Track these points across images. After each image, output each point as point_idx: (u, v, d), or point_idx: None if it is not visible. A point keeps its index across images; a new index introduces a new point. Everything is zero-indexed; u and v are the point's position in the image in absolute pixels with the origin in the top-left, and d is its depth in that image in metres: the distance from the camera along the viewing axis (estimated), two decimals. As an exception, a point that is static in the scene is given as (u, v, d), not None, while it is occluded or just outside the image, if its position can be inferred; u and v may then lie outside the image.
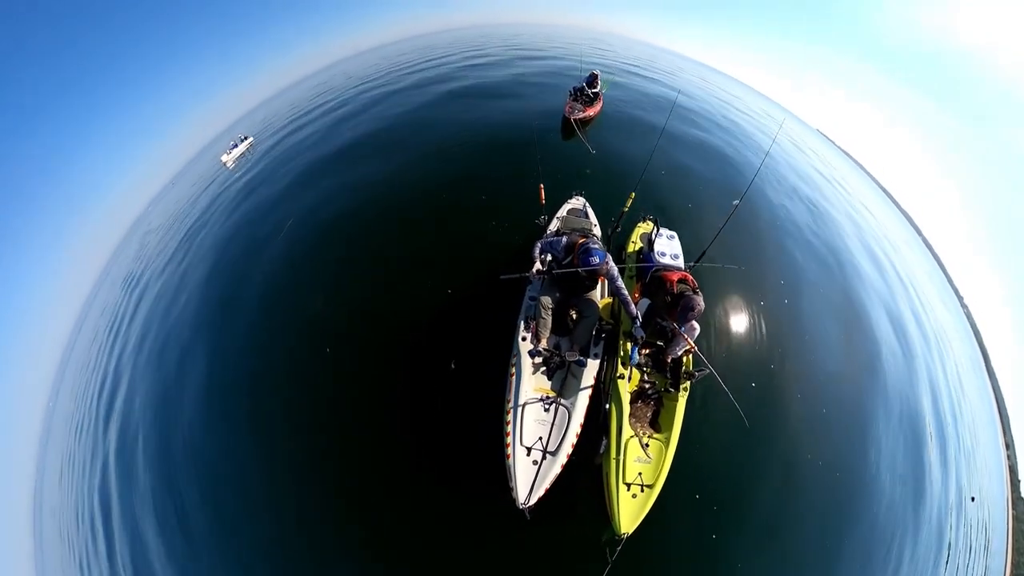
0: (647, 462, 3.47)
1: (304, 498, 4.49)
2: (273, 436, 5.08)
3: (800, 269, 7.89)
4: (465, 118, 10.89)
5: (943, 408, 8.69)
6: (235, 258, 8.77)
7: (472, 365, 4.68)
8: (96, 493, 7.33)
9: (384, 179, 8.56)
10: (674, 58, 35.53)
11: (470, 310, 5.23)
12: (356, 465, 4.54)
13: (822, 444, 5.34)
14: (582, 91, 10.15)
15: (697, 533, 4.10)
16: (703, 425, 4.46)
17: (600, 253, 3.60)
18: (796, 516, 4.70)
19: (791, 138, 18.81)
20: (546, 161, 6.25)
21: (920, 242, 27.22)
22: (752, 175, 5.56)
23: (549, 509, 3.45)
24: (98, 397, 9.50)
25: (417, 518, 4.07)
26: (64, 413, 13.15)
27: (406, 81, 16.88)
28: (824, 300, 7.49)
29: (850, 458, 5.54)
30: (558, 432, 3.39)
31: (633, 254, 5.13)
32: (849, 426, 5.87)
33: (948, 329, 14.44)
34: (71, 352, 20.55)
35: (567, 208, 5.84)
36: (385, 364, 5.11)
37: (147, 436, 6.52)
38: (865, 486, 5.46)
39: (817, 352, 6.31)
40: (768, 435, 4.94)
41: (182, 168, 53.84)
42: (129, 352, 9.35)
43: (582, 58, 16.44)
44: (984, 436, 11.69)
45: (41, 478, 14.47)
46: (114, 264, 28.93)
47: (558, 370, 3.91)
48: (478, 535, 3.93)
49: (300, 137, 14.81)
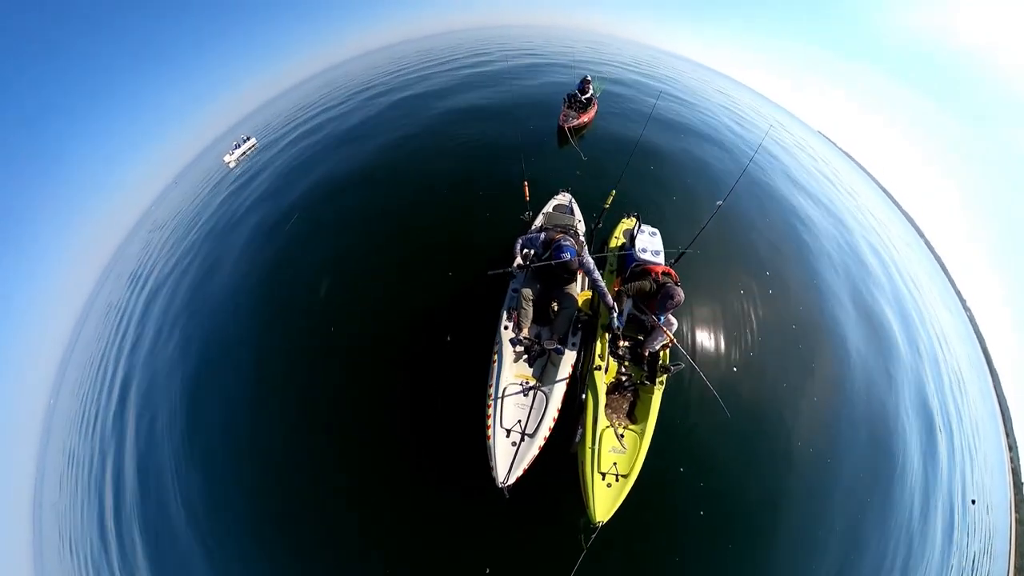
0: (622, 452, 3.49)
1: (309, 495, 4.60)
2: (272, 432, 5.20)
3: (793, 264, 7.93)
4: (459, 124, 11.00)
5: (944, 409, 8.62)
6: (237, 258, 8.92)
7: (460, 352, 4.84)
8: (100, 492, 7.46)
9: (379, 181, 8.77)
10: (674, 60, 35.74)
11: (458, 303, 5.41)
12: (344, 451, 4.70)
13: (815, 438, 5.38)
14: (575, 97, 10.19)
15: (673, 520, 4.17)
16: (684, 416, 4.48)
17: (571, 250, 3.75)
18: (784, 510, 4.72)
19: (788, 139, 18.83)
20: (538, 168, 6.38)
21: (922, 243, 27.03)
22: (739, 174, 5.61)
23: (526, 497, 3.51)
24: (107, 391, 9.65)
25: (397, 505, 4.18)
26: (67, 411, 13.30)
27: (399, 84, 17.18)
28: (819, 297, 7.52)
29: (845, 461, 5.50)
30: (536, 415, 3.53)
31: (615, 249, 5.17)
32: (845, 426, 5.86)
33: (949, 329, 14.33)
34: (72, 352, 20.85)
35: (553, 204, 5.94)
36: (380, 356, 5.28)
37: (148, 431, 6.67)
38: (862, 487, 5.44)
39: (810, 347, 6.35)
40: (753, 426, 4.98)
41: (184, 167, 54.85)
42: (141, 346, 9.51)
43: (574, 57, 16.50)
44: (986, 438, 11.55)
45: (41, 477, 14.61)
46: (116, 263, 29.54)
47: (539, 358, 4.03)
48: (456, 522, 4.02)
49: (300, 137, 15.08)
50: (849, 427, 5.87)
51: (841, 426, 5.82)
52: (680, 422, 4.64)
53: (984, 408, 13.16)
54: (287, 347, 6.00)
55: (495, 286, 4.67)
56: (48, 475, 13.16)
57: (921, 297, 13.26)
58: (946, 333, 13.41)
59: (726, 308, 6.01)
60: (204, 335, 7.36)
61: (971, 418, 10.60)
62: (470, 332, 4.87)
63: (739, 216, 8.28)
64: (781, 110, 37.73)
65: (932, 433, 7.47)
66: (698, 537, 4.21)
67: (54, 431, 15.02)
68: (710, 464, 4.57)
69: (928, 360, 9.54)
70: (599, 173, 7.83)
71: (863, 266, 10.37)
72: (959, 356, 13.52)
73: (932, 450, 7.21)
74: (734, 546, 4.25)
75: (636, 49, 35.52)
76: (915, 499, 6.14)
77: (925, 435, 7.16)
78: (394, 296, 5.93)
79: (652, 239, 4.96)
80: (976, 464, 9.49)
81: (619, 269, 4.90)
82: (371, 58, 35.65)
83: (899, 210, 32.74)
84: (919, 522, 6.00)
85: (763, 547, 4.42)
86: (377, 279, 6.31)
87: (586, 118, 10.17)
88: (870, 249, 11.97)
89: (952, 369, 11.35)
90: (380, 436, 4.71)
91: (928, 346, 10.47)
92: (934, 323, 12.42)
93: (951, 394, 9.87)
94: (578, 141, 9.24)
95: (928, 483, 6.59)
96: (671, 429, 4.37)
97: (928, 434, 7.29)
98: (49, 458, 13.80)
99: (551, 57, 19.51)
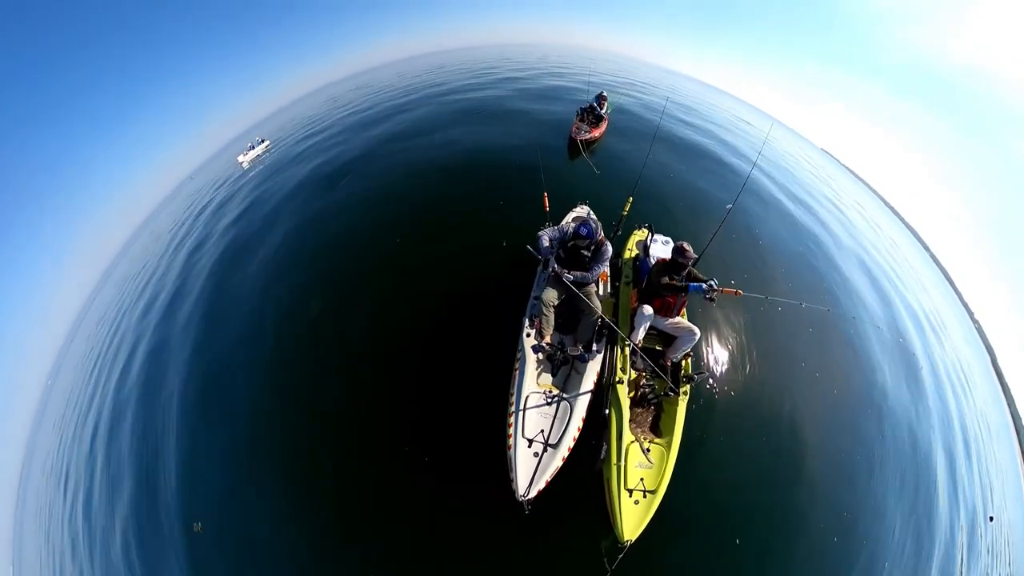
0: (649, 467, 3.42)
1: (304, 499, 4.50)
2: (272, 428, 5.16)
3: (808, 276, 7.96)
4: (477, 138, 11.09)
5: (956, 423, 8.48)
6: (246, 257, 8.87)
7: (482, 360, 4.74)
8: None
9: (397, 193, 8.77)
10: (681, 80, 36.51)
11: (481, 308, 5.43)
12: (357, 463, 4.59)
13: (831, 455, 5.27)
14: (591, 110, 10.32)
15: (704, 540, 4.01)
16: (708, 428, 4.40)
17: (591, 227, 3.90)
18: (806, 526, 4.58)
19: (783, 146, 19.05)
20: (552, 180, 6.48)
21: (928, 256, 27.03)
22: (744, 180, 5.68)
23: (550, 515, 3.40)
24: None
25: (418, 523, 4.04)
26: (69, 405, 13.22)
27: (418, 97, 17.40)
28: (831, 308, 7.47)
29: (858, 481, 5.40)
30: (559, 425, 3.42)
31: (629, 260, 5.17)
32: (858, 442, 5.75)
33: (959, 340, 14.25)
34: (70, 348, 20.89)
35: (572, 216, 5.99)
36: (399, 365, 5.23)
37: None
38: (875, 505, 5.31)
39: (827, 362, 6.31)
40: (781, 441, 4.91)
41: (200, 165, 56.52)
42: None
43: (590, 76, 16.89)
44: (1001, 453, 11.33)
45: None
46: (120, 262, 30.05)
47: (562, 366, 3.98)
48: (473, 539, 3.89)
49: (314, 144, 15.32)
50: (857, 443, 5.77)
51: (864, 439, 5.76)
52: (710, 436, 4.55)
53: (997, 422, 12.96)
54: (295, 358, 5.91)
55: (518, 295, 4.71)
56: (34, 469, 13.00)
57: (933, 311, 13.26)
58: (957, 346, 13.34)
59: (745, 316, 5.98)
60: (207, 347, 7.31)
61: (984, 432, 10.43)
62: (493, 340, 4.77)
63: (750, 225, 8.35)
64: (784, 126, 38.37)
65: (947, 449, 7.36)
66: (732, 556, 4.04)
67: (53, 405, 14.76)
68: (745, 480, 4.46)
69: (939, 373, 9.46)
70: (613, 186, 7.86)
71: (880, 279, 10.48)
72: (970, 366, 13.41)
73: (949, 467, 7.10)
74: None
75: (640, 67, 36.32)
76: (928, 516, 6.00)
77: (939, 451, 7.04)
78: (416, 303, 5.90)
79: (665, 248, 4.96)
80: (991, 481, 9.31)
81: (635, 280, 4.87)
82: (383, 73, 36.58)
83: (902, 222, 32.86)
84: (932, 539, 5.86)
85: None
86: (399, 285, 6.27)
87: (597, 132, 10.28)
88: (883, 262, 12.08)
89: (960, 379, 11.23)
90: (394, 448, 4.57)
91: (943, 359, 10.43)
92: (945, 338, 12.38)
93: (962, 409, 9.73)
94: (590, 155, 9.31)
95: (942, 501, 6.44)
96: (698, 443, 4.28)
97: (941, 450, 7.17)
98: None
99: (561, 77, 19.86)
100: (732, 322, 5.82)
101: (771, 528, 4.35)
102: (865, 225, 15.93)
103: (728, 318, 5.84)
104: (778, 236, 8.90)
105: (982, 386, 13.43)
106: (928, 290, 15.48)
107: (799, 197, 12.59)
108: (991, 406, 12.94)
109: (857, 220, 15.43)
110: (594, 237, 3.92)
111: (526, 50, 39.80)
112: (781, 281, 7.38)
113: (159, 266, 13.05)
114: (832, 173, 23.48)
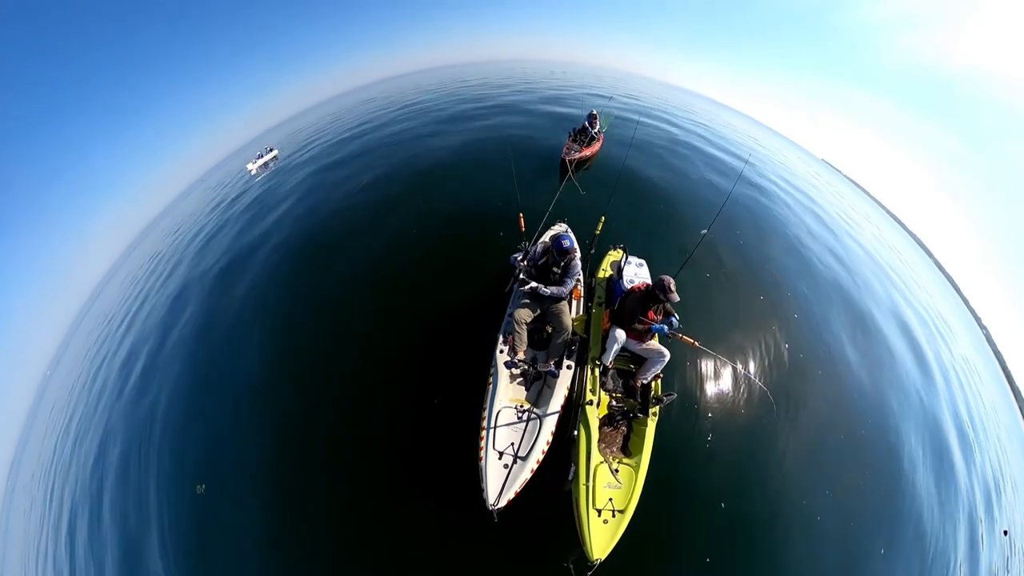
0: (618, 487, 3.48)
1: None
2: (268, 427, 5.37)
3: (808, 289, 8.11)
4: (462, 155, 11.58)
5: (967, 433, 8.36)
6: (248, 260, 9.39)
7: (457, 376, 4.93)
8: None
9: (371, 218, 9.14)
10: (681, 94, 37.07)
11: (456, 328, 5.63)
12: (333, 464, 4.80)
13: (834, 470, 5.29)
14: (583, 131, 10.44)
15: (678, 556, 4.03)
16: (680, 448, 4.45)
17: (571, 238, 4.22)
18: (800, 544, 4.59)
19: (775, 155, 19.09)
20: (535, 200, 6.67)
21: (933, 264, 26.63)
22: (721, 204, 5.82)
23: (517, 531, 3.46)
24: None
25: (382, 522, 4.22)
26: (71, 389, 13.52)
27: (411, 114, 18.17)
28: (835, 316, 7.63)
29: (866, 490, 5.42)
30: (530, 439, 3.58)
31: (603, 280, 5.24)
32: (865, 455, 5.78)
33: (968, 348, 13.97)
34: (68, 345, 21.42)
35: (550, 234, 6.10)
36: (376, 378, 5.46)
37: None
38: (884, 516, 5.32)
39: (829, 370, 6.43)
40: (766, 457, 4.97)
41: (210, 168, 59.37)
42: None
43: (583, 90, 17.21)
44: (1015, 463, 10.98)
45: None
46: (125, 260, 31.53)
47: (534, 382, 4.15)
48: (443, 551, 3.99)
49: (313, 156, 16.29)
50: (865, 455, 5.75)
51: (853, 453, 5.70)
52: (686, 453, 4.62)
53: (1010, 432, 12.56)
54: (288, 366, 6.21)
55: (493, 311, 4.87)
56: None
57: (941, 320, 13.10)
58: (966, 354, 13.09)
59: (738, 332, 6.13)
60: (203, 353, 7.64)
61: (997, 442, 10.15)
62: (467, 357, 4.94)
63: (732, 242, 8.48)
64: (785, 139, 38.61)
65: (956, 456, 7.25)
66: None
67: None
68: (719, 496, 4.49)
69: (950, 382, 9.34)
70: (596, 205, 8.06)
71: (888, 289, 10.51)
72: (981, 374, 13.12)
73: (960, 478, 6.99)
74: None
75: (637, 82, 37.01)
76: (941, 530, 5.89)
77: (949, 462, 6.97)
78: (397, 316, 6.18)
79: (639, 269, 5.08)
80: (1005, 493, 9.03)
81: (607, 301, 4.95)
82: (382, 88, 38.20)
83: (907, 232, 32.50)
84: (944, 553, 5.74)
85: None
86: (377, 301, 6.60)
87: (589, 152, 10.32)
88: (891, 272, 12.14)
89: (973, 389, 11.01)
90: (370, 455, 4.78)
91: (953, 365, 10.27)
92: (953, 345, 12.19)
93: (974, 418, 9.52)
94: (578, 175, 9.37)
95: (954, 513, 6.34)
96: (671, 462, 4.34)
97: (951, 460, 7.07)
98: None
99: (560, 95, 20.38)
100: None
101: (744, 546, 4.34)
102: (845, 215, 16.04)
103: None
104: (758, 248, 8.97)
105: (995, 395, 13.12)
106: (939, 304, 15.25)
107: (819, 212, 12.93)
108: (1007, 418, 12.61)
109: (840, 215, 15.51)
110: (574, 248, 4.23)
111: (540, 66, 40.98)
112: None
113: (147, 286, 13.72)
114: (810, 170, 23.54)
